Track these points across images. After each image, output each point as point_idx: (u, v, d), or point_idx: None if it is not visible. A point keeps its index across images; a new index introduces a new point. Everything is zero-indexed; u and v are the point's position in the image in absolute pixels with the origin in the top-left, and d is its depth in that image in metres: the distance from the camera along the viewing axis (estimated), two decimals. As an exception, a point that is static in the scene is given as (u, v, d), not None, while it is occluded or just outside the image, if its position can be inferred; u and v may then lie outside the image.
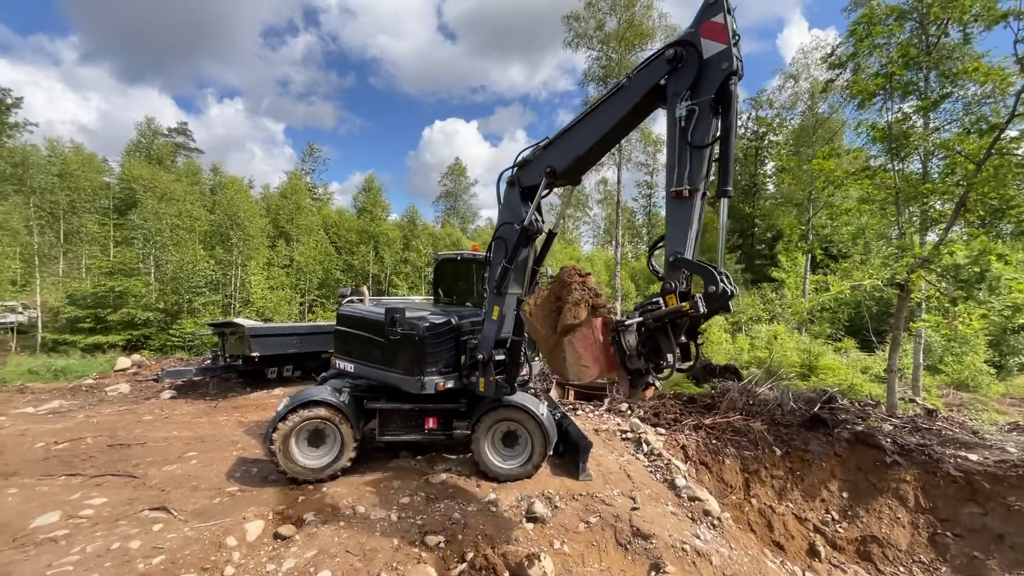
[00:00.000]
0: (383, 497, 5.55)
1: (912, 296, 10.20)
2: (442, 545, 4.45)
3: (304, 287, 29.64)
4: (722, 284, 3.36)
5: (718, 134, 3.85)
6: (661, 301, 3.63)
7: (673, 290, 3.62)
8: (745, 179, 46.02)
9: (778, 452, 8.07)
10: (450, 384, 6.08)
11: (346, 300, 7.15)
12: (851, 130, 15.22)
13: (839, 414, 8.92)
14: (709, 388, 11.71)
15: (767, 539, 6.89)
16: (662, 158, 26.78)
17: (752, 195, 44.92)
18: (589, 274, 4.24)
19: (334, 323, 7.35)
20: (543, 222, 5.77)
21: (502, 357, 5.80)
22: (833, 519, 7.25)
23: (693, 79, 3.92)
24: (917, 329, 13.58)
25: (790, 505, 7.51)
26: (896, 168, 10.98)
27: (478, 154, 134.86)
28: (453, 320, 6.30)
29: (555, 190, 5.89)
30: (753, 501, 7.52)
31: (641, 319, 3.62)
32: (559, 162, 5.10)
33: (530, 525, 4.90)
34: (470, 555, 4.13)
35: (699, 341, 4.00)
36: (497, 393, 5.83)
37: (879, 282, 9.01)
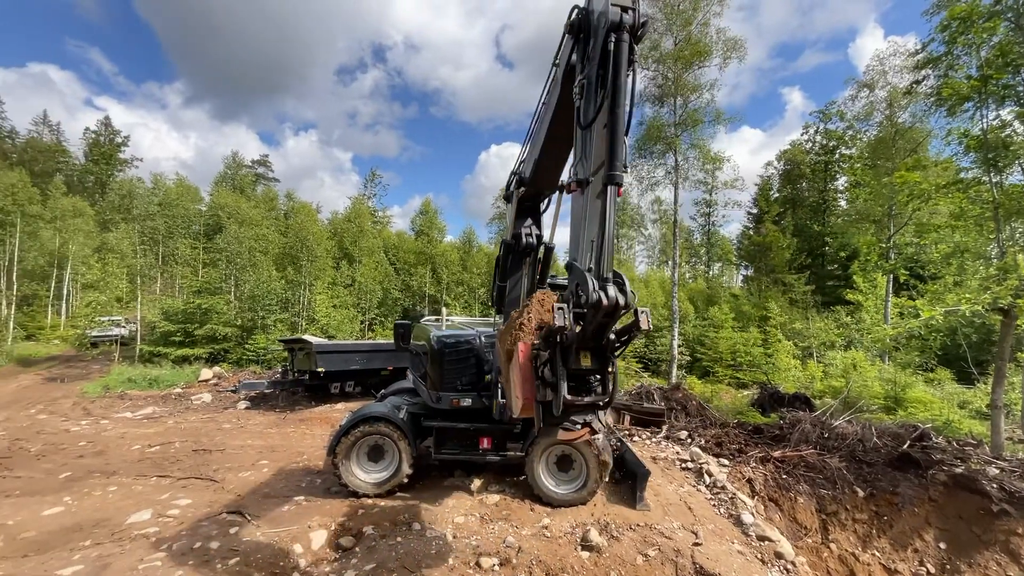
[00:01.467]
0: (438, 515, 5.63)
1: (1019, 323, 9.05)
2: (496, 568, 4.42)
3: (365, 306, 31.07)
4: (595, 292, 2.63)
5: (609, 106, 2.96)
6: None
7: (565, 301, 2.93)
8: (814, 195, 43.30)
9: (860, 493, 7.34)
10: (467, 402, 6.16)
11: (423, 321, 7.47)
12: (939, 139, 14.00)
13: (933, 453, 8.00)
14: (777, 418, 10.91)
15: (849, 590, 6.24)
16: (721, 175, 25.80)
17: (822, 212, 42.14)
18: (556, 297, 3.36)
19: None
20: (533, 237, 5.55)
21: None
22: (928, 572, 6.44)
23: (584, 47, 3.30)
24: (1027, 360, 11.99)
25: (876, 554, 6.77)
26: (994, 180, 9.94)
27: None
28: (473, 339, 6.38)
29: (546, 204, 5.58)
30: (832, 546, 6.85)
31: (536, 341, 3.03)
32: (526, 169, 5.00)
33: (585, 554, 4.77)
34: (524, 581, 4.07)
35: (611, 369, 3.06)
36: (502, 417, 5.78)
37: (980, 307, 8.07)
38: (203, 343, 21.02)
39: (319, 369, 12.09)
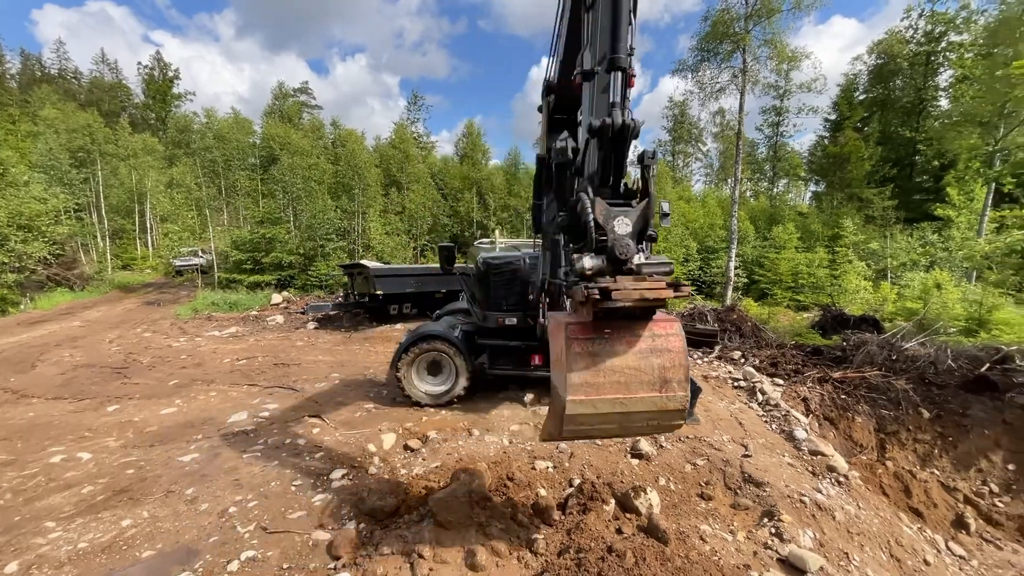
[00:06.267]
0: (495, 424, 6.06)
1: None
2: (551, 470, 4.77)
3: (416, 232, 31.75)
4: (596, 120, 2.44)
5: None
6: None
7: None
8: (909, 94, 37.58)
9: (925, 414, 7.10)
10: (512, 321, 6.44)
11: (477, 243, 7.59)
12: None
13: (1015, 376, 7.48)
14: (839, 340, 10.47)
15: (903, 504, 6.25)
16: (797, 76, 22.75)
17: (916, 115, 36.73)
18: None
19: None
20: (571, 150, 5.16)
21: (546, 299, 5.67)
22: (991, 492, 6.30)
23: None
24: None
25: (936, 472, 6.66)
26: None
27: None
28: (517, 260, 6.50)
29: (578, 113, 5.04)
30: (888, 464, 6.80)
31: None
32: (553, 73, 4.71)
33: (635, 461, 5.02)
34: (577, 480, 4.38)
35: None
36: (543, 336, 5.95)
37: (1102, 215, 7.01)
38: (271, 270, 22.59)
39: (378, 292, 12.75)
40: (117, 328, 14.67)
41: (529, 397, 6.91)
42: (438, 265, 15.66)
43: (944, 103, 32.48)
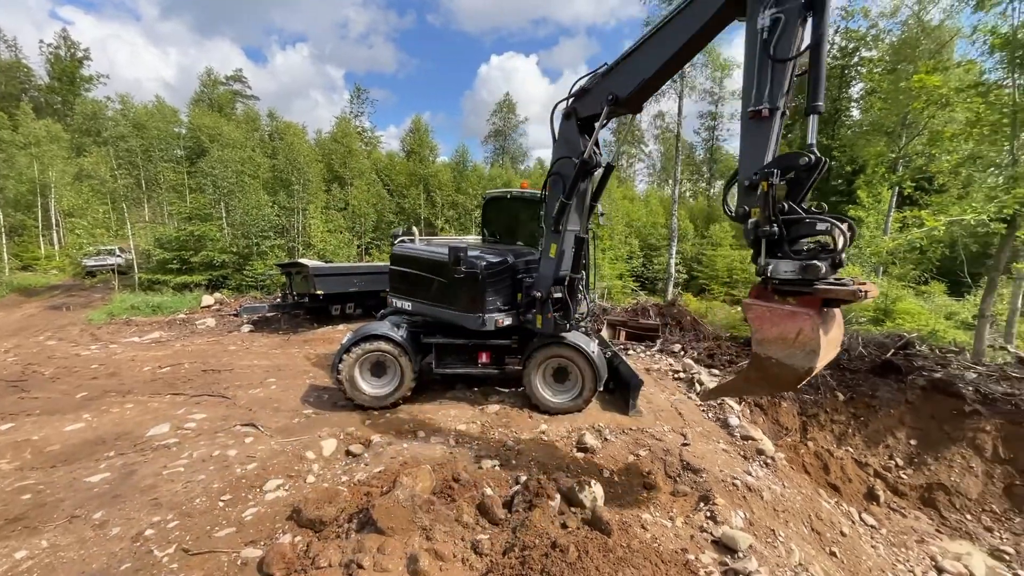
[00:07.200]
0: (441, 424, 5.95)
1: (1019, 233, 8.97)
2: (497, 468, 4.74)
3: (360, 230, 30.71)
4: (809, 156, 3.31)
5: (807, 44, 3.42)
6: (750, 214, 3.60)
7: (756, 202, 3.49)
8: (826, 105, 40.93)
9: (841, 397, 7.75)
10: (508, 321, 6.28)
11: (398, 240, 7.29)
12: (965, 39, 12.96)
13: (915, 360, 8.33)
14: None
15: (822, 481, 6.79)
16: (730, 83, 24.21)
17: (832, 124, 40.13)
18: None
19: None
20: (600, 155, 5.59)
21: (559, 295, 5.84)
22: (897, 465, 6.98)
23: None
24: (1019, 271, 12.11)
25: (850, 450, 7.29)
26: (1016, 83, 9.32)
27: (535, 92, 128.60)
28: (510, 259, 6.41)
29: (609, 124, 5.55)
30: (810, 444, 7.36)
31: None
32: (622, 88, 4.82)
33: (580, 455, 5.10)
34: (523, 478, 4.38)
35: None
36: (556, 330, 5.94)
37: (984, 216, 7.94)
38: (201, 270, 21.00)
39: (318, 292, 12.18)
40: (15, 336, 13.07)
41: (477, 396, 6.85)
42: (383, 264, 15.20)
43: (856, 113, 35.67)
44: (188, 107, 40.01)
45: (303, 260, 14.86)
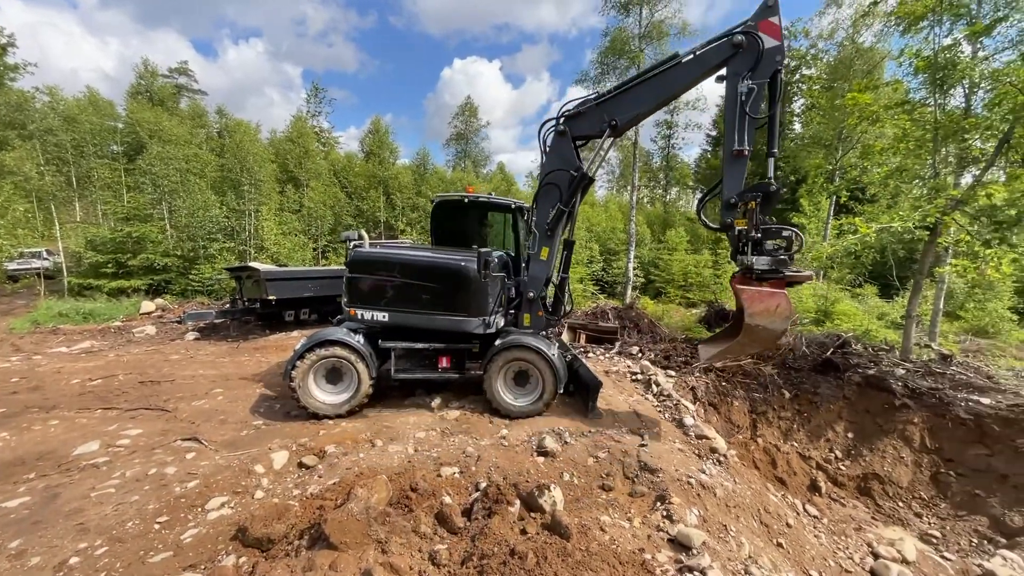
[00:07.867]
0: (400, 432, 5.79)
1: (940, 240, 9.80)
2: (457, 475, 4.66)
3: (316, 233, 29.69)
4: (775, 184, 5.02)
5: (769, 113, 5.22)
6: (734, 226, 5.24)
7: (737, 215, 5.20)
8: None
9: (787, 395, 8.16)
10: (502, 323, 6.60)
11: (353, 245, 6.93)
12: (893, 61, 14.06)
13: (851, 358, 8.90)
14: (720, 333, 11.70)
15: (770, 475, 7.12)
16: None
17: (779, 136, 42.61)
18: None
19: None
20: (593, 169, 6.35)
21: (542, 295, 6.47)
22: (836, 458, 7.43)
23: (752, 64, 5.07)
24: (940, 274, 13.20)
25: (795, 444, 7.69)
26: (937, 102, 10.19)
27: (498, 96, 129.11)
28: (504, 262, 6.92)
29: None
30: (759, 440, 7.70)
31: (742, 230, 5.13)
32: (621, 117, 5.76)
33: (541, 459, 5.09)
34: (483, 484, 4.32)
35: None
36: (545, 327, 6.52)
37: (910, 224, 8.63)
38: (140, 274, 19.64)
39: (270, 297, 11.63)
40: (-82, 348, 11.73)
41: (437, 401, 6.73)
42: (339, 267, 14.74)
43: (798, 127, 37.96)
44: (125, 99, 37.46)
45: (255, 264, 14.19)
